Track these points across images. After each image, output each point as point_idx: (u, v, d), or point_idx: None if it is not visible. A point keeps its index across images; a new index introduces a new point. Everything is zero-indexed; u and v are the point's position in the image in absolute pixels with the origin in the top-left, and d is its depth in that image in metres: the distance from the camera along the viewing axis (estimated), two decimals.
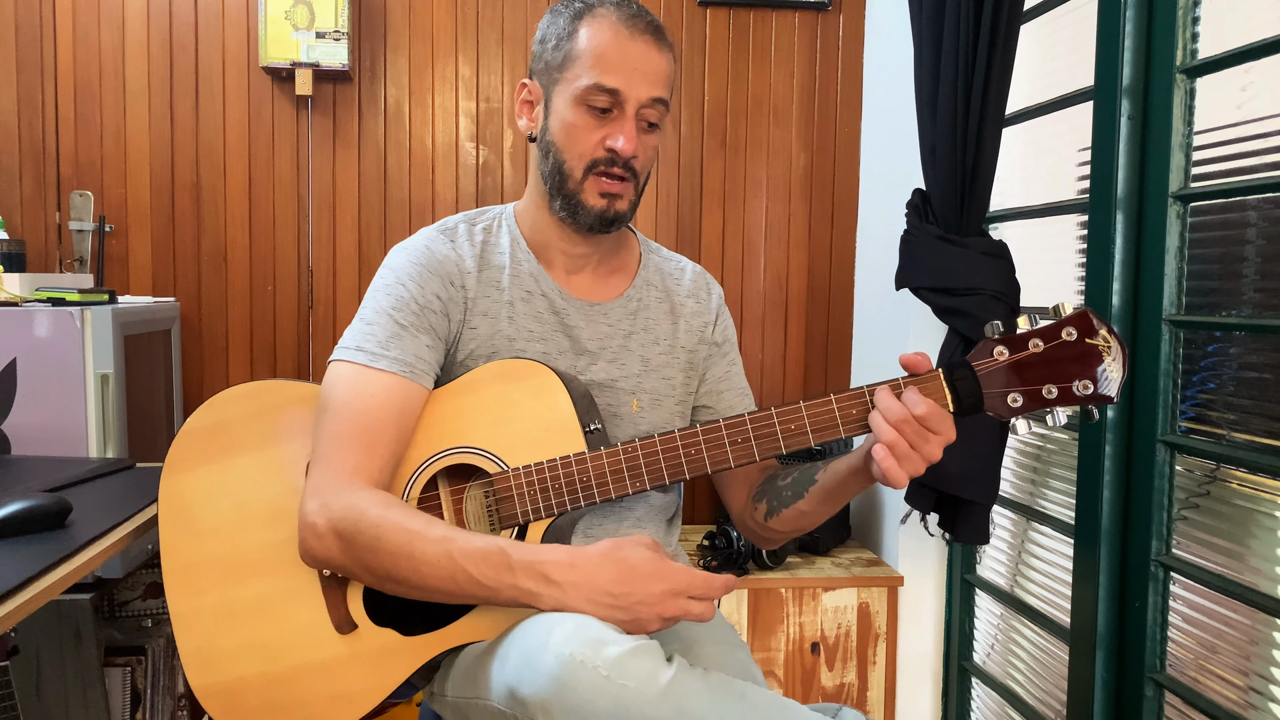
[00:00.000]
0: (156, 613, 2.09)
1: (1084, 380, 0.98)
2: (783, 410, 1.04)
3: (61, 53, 2.27)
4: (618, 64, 1.10)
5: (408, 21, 2.36)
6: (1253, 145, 1.43)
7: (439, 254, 1.16)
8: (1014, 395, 0.99)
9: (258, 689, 1.08)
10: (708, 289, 1.32)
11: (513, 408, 1.10)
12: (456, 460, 1.10)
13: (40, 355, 1.69)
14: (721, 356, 1.31)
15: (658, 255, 1.32)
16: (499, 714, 0.94)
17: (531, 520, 1.08)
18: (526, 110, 1.21)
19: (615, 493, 1.07)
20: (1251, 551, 1.42)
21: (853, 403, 1.02)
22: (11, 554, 1.05)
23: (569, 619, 0.93)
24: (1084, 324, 0.98)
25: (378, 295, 1.13)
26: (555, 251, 1.21)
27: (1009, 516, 2.03)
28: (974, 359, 1.00)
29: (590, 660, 0.87)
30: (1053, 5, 1.85)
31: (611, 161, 1.12)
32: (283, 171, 2.35)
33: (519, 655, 0.93)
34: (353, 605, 1.08)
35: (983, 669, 2.12)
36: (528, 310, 1.18)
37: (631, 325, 1.23)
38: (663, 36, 1.15)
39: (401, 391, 1.07)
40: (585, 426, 1.09)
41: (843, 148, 2.50)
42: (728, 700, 0.89)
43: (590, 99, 1.11)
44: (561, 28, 1.14)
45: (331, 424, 1.05)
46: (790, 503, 1.16)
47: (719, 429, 1.05)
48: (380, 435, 1.05)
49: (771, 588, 2.12)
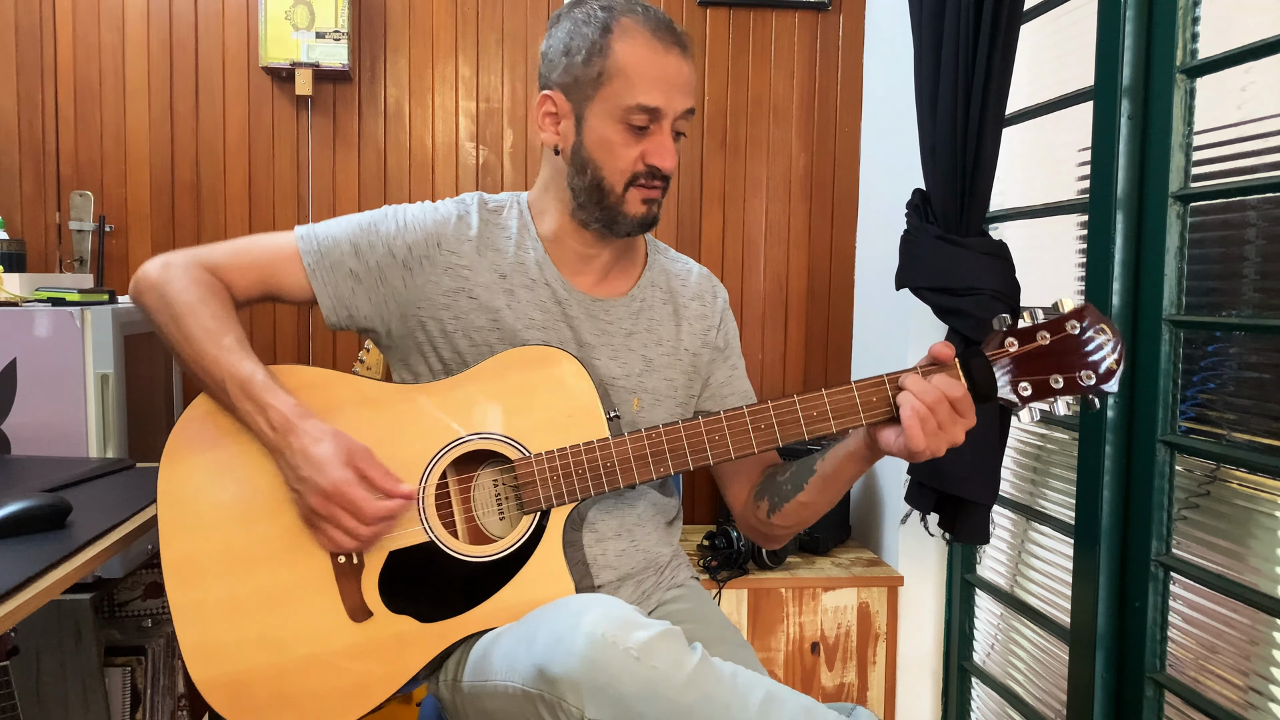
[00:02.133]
0: (156, 613, 2.09)
1: (1087, 371, 1.03)
2: (805, 397, 1.07)
3: (61, 53, 2.27)
4: (657, 82, 1.12)
5: (408, 21, 2.36)
6: (1253, 145, 1.43)
7: (441, 215, 1.20)
8: (1024, 384, 1.03)
9: (266, 681, 1.07)
10: (713, 292, 1.32)
11: (534, 394, 1.11)
12: (477, 446, 1.10)
13: (40, 355, 1.69)
14: (724, 360, 1.31)
15: (664, 256, 1.32)
16: (523, 696, 0.95)
17: (555, 505, 1.09)
18: (551, 123, 1.19)
19: (640, 478, 1.09)
20: (1251, 551, 1.42)
21: (873, 390, 1.05)
22: (11, 554, 1.05)
23: (599, 602, 0.96)
24: (1085, 318, 1.03)
25: (367, 214, 1.20)
26: (568, 250, 1.22)
27: (1009, 516, 2.03)
28: (986, 349, 1.04)
29: (621, 642, 0.89)
30: (1053, 5, 1.85)
31: (652, 175, 1.14)
32: (283, 171, 2.35)
33: (549, 635, 0.94)
34: (367, 593, 1.08)
35: (983, 669, 2.12)
36: (530, 298, 1.19)
37: (634, 324, 1.24)
38: (688, 45, 1.16)
39: (297, 273, 1.17)
40: (607, 413, 1.11)
41: (843, 148, 2.50)
42: (749, 691, 0.92)
43: (630, 119, 1.12)
44: (591, 40, 1.13)
45: (239, 241, 1.19)
46: (790, 496, 1.17)
47: (742, 415, 1.07)
48: (252, 274, 1.18)
49: (771, 588, 2.12)
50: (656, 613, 1.22)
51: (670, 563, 1.28)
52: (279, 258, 1.18)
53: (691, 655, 0.92)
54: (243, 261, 1.18)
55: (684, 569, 1.31)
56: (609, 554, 1.19)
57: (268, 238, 1.20)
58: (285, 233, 1.20)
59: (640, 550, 1.22)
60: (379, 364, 2.13)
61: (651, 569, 1.24)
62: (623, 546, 1.20)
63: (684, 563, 1.32)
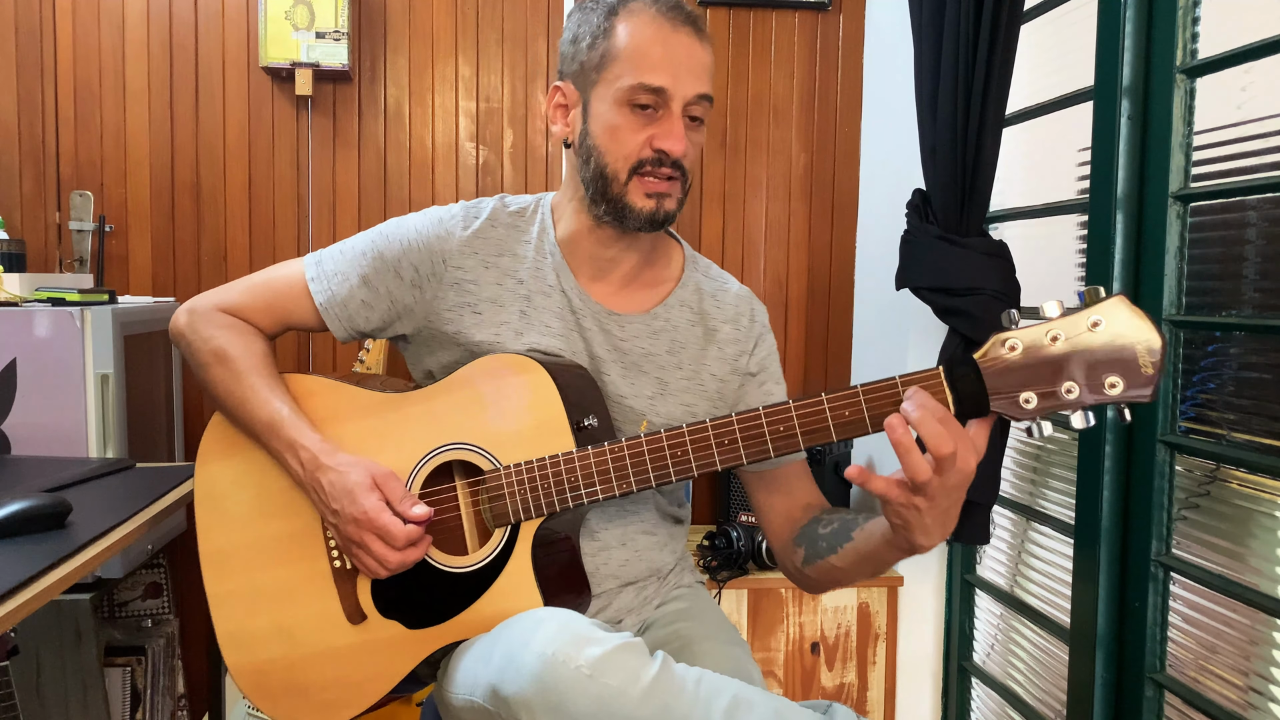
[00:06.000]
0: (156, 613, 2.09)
1: (1111, 376, 0.86)
2: (769, 410, 0.97)
3: (61, 53, 2.27)
4: (662, 60, 1.06)
5: (408, 21, 2.36)
6: (1253, 145, 1.43)
7: (445, 229, 1.16)
8: (1027, 395, 0.87)
9: (281, 671, 1.13)
10: (750, 315, 1.24)
11: (504, 404, 1.08)
12: (454, 456, 1.10)
13: (40, 355, 1.69)
14: (757, 386, 1.23)
15: (702, 274, 1.25)
16: (483, 711, 0.94)
17: (524, 519, 1.06)
18: (561, 115, 1.15)
19: (603, 494, 1.03)
20: (1251, 551, 1.42)
21: (847, 404, 0.94)
22: (11, 554, 1.06)
23: (554, 618, 0.93)
24: (1114, 312, 0.86)
25: (370, 237, 1.19)
26: (584, 254, 1.17)
27: (1009, 516, 2.03)
28: (982, 355, 0.90)
29: (572, 659, 0.87)
30: (1053, 5, 1.85)
31: (659, 162, 1.08)
32: (283, 171, 2.35)
33: (502, 654, 0.93)
34: (362, 596, 1.10)
35: (983, 669, 2.12)
36: (547, 305, 1.15)
37: (651, 344, 1.18)
38: (703, 28, 1.10)
39: (311, 309, 1.19)
40: (576, 424, 1.06)
41: (843, 148, 2.50)
42: (713, 698, 0.89)
43: (634, 98, 1.06)
44: (596, 25, 1.09)
45: (255, 279, 1.22)
46: (824, 555, 1.09)
47: (706, 430, 0.99)
48: (268, 314, 1.20)
49: (771, 588, 2.12)
50: (657, 614, 1.21)
51: (675, 568, 1.26)
52: (290, 295, 1.19)
53: (649, 666, 0.88)
54: (259, 302, 1.20)
55: (688, 573, 1.29)
56: (612, 563, 1.16)
57: (280, 274, 1.21)
58: (296, 265, 1.20)
59: (643, 560, 1.19)
60: (378, 364, 2.13)
61: (654, 577, 1.22)
62: (625, 556, 1.17)
63: (688, 567, 1.30)
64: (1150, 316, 0.86)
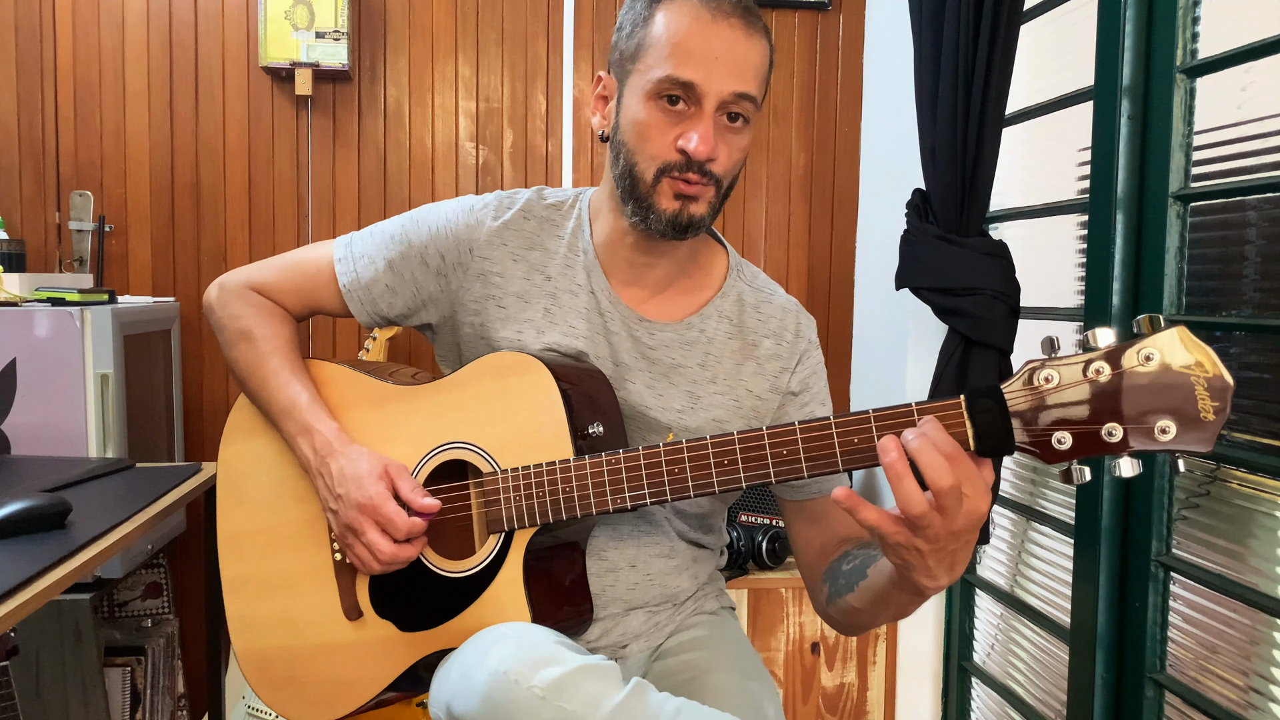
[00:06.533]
0: (156, 613, 2.09)
1: (1163, 420, 0.74)
2: (773, 430, 0.89)
3: (61, 53, 2.27)
4: (696, 53, 0.96)
5: (408, 21, 2.36)
6: (1253, 145, 1.43)
7: (476, 218, 1.12)
8: (1060, 435, 0.77)
9: (282, 660, 1.12)
10: (795, 330, 1.15)
11: (507, 405, 1.04)
12: (454, 456, 1.08)
13: (40, 355, 1.69)
14: (799, 407, 1.14)
15: (747, 283, 1.17)
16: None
17: (517, 528, 1.01)
18: (601, 106, 1.08)
19: (596, 509, 0.96)
20: (1251, 551, 1.42)
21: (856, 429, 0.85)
22: (11, 554, 1.06)
23: (514, 634, 0.90)
24: (1171, 346, 0.74)
25: (401, 221, 1.16)
26: (618, 256, 1.10)
27: (1009, 516, 2.03)
28: (1009, 386, 0.79)
29: (525, 679, 0.82)
30: (1053, 5, 1.85)
31: (686, 165, 0.99)
32: (283, 171, 2.35)
33: (459, 670, 0.90)
34: (360, 593, 1.09)
35: (983, 669, 2.12)
36: (573, 304, 1.10)
37: (683, 355, 1.11)
38: (755, 20, 0.99)
39: (333, 288, 1.17)
40: (579, 431, 1.00)
41: (843, 148, 2.50)
42: None
43: (662, 91, 0.98)
44: (638, 13, 1.02)
45: (288, 258, 1.21)
46: (843, 594, 1.02)
47: (705, 449, 0.92)
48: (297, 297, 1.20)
49: (771, 588, 2.12)
50: (670, 642, 1.14)
51: (695, 594, 1.18)
52: (319, 279, 1.18)
53: (613, 693, 0.82)
54: (288, 285, 1.19)
55: (713, 599, 1.21)
56: (619, 586, 1.10)
57: (312, 255, 1.20)
58: (328, 247, 1.19)
59: (656, 585, 1.12)
60: (382, 354, 2.13)
61: (668, 603, 1.14)
62: (635, 579, 1.11)
63: (714, 593, 1.22)
64: (1211, 351, 0.74)
